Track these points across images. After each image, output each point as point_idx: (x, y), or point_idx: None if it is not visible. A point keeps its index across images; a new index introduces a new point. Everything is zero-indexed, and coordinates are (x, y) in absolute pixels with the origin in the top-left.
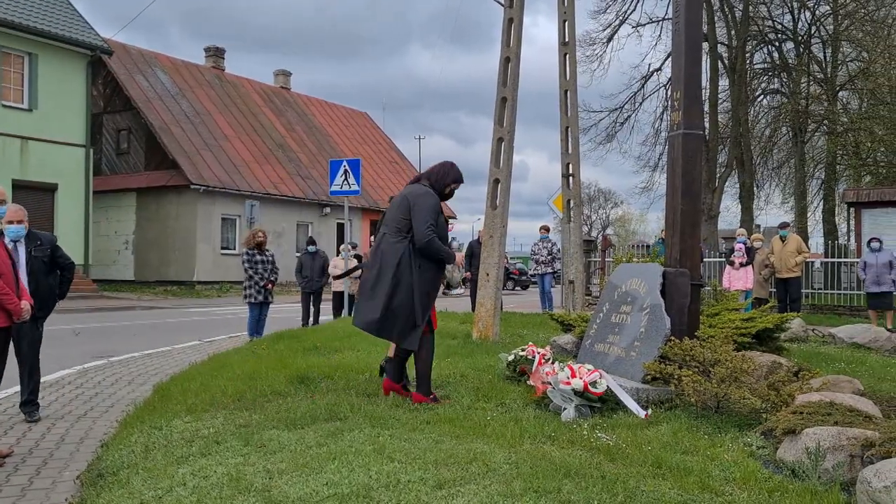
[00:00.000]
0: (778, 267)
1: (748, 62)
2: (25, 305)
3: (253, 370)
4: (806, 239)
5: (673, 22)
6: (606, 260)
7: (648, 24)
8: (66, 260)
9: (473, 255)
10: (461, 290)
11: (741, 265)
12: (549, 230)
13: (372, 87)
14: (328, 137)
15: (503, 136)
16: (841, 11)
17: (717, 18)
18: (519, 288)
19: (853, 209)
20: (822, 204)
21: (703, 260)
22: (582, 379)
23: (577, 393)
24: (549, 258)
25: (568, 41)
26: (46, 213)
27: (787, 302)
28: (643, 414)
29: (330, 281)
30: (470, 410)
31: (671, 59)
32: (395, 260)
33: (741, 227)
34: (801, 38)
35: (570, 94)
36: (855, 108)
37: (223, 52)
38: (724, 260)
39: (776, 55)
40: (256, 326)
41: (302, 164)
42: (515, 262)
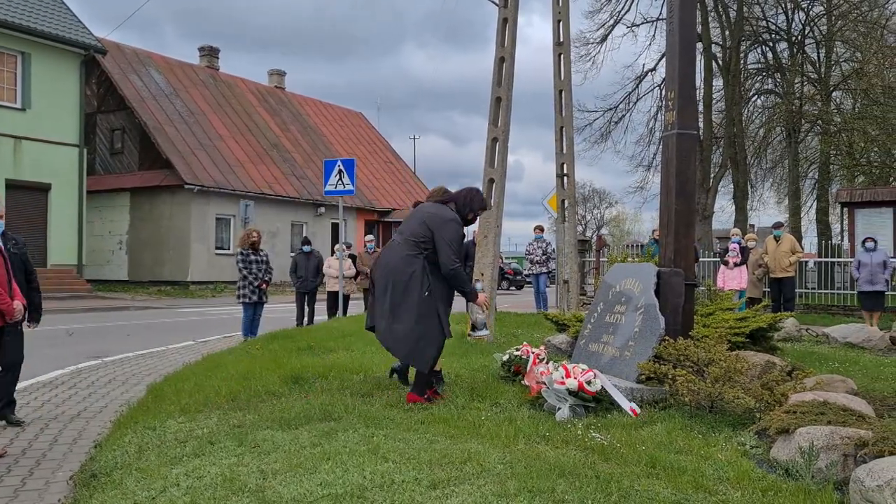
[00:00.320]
0: (772, 267)
1: (742, 62)
2: (18, 305)
3: (247, 370)
4: (800, 239)
5: (667, 22)
6: (601, 260)
7: (643, 24)
8: (32, 265)
9: (468, 255)
10: (486, 332)
11: (735, 265)
12: (543, 230)
13: (367, 86)
14: (323, 137)
15: (498, 135)
16: (835, 12)
17: (711, 18)
18: (514, 288)
19: (846, 209)
20: (815, 204)
21: (697, 260)
22: (576, 379)
23: (571, 393)
24: (543, 258)
25: (563, 41)
26: (40, 213)
27: (780, 302)
28: (634, 411)
29: (325, 281)
30: (464, 410)
31: (665, 59)
32: (406, 276)
33: (735, 226)
34: (794, 38)
35: (564, 94)
36: (848, 108)
37: (217, 51)
38: (718, 260)
39: (770, 55)
40: (251, 326)
41: (296, 163)
42: (510, 261)
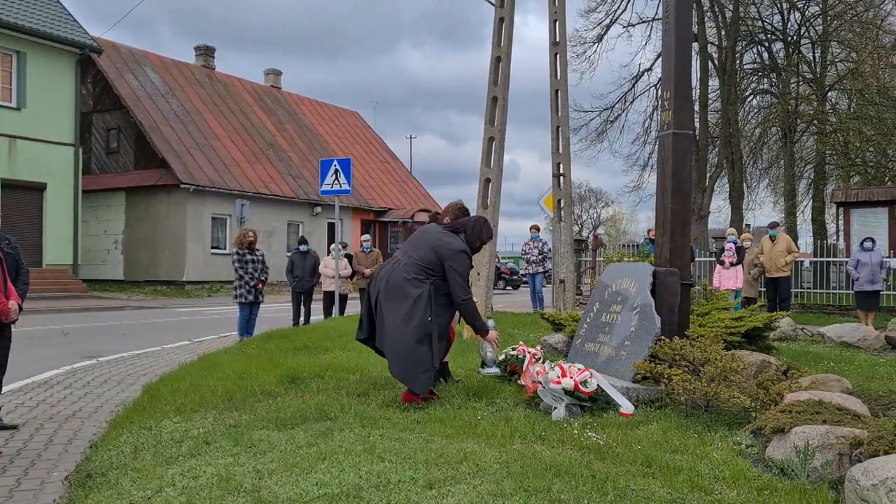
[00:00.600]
0: (767, 266)
1: (738, 62)
2: (14, 306)
3: (243, 370)
4: (795, 238)
5: (663, 22)
6: (597, 259)
7: (639, 23)
8: (26, 266)
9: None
10: (496, 369)
11: (731, 265)
12: (539, 230)
13: (363, 86)
14: (319, 137)
15: (494, 135)
16: (830, 12)
17: (707, 18)
18: (510, 287)
19: (842, 209)
20: (811, 204)
21: (693, 259)
22: (572, 378)
23: (567, 392)
24: (539, 258)
25: (559, 41)
26: (35, 212)
27: (776, 301)
28: (630, 409)
29: (321, 281)
30: (460, 410)
31: (661, 59)
32: (413, 298)
33: (731, 226)
34: (790, 38)
35: (560, 93)
36: (844, 108)
37: (213, 50)
38: (714, 259)
39: (766, 55)
40: (247, 326)
41: (292, 163)
42: (506, 261)
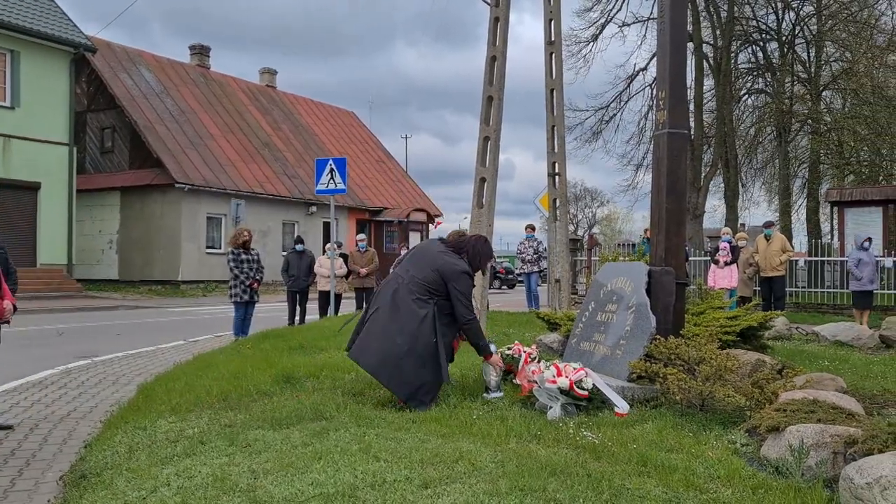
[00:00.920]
0: (762, 266)
1: (733, 62)
2: (8, 306)
3: (238, 370)
4: (790, 238)
5: (658, 22)
6: (592, 259)
7: (634, 23)
8: (14, 266)
9: None
10: (500, 394)
11: (725, 264)
12: (535, 229)
13: (358, 85)
14: (314, 136)
15: (489, 134)
16: (825, 12)
17: (702, 18)
18: (505, 287)
19: (836, 208)
20: (805, 203)
21: (687, 259)
22: (568, 377)
23: (562, 391)
24: (535, 257)
25: (554, 40)
26: (29, 212)
27: (771, 300)
28: (625, 409)
29: (316, 280)
30: (456, 409)
31: (656, 58)
32: (418, 320)
33: (726, 226)
34: (785, 38)
35: (556, 93)
36: (838, 107)
37: (208, 50)
38: (708, 259)
39: (761, 55)
40: (242, 326)
41: (288, 162)
42: (502, 260)
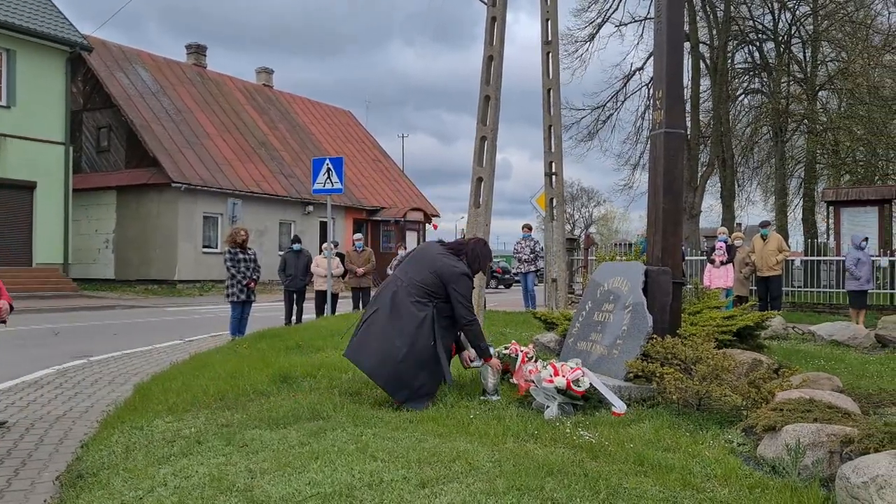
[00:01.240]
0: (758, 265)
1: (729, 62)
2: (4, 305)
3: (235, 369)
4: (786, 237)
5: (655, 21)
6: (589, 258)
7: (630, 23)
8: None
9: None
10: (497, 397)
11: (722, 263)
12: (531, 228)
13: (354, 84)
14: (311, 135)
15: (486, 134)
16: (821, 12)
17: (698, 18)
18: (502, 286)
19: (832, 208)
20: (801, 203)
21: (684, 258)
22: (564, 377)
23: (559, 391)
24: (532, 256)
25: (551, 40)
26: (25, 211)
27: (767, 300)
28: (622, 409)
29: (313, 280)
30: (453, 409)
31: (653, 58)
32: (416, 323)
33: (722, 225)
34: (781, 38)
35: (552, 92)
36: (834, 107)
37: (205, 49)
38: (705, 258)
39: (757, 55)
40: (239, 325)
41: (285, 162)
42: (499, 260)
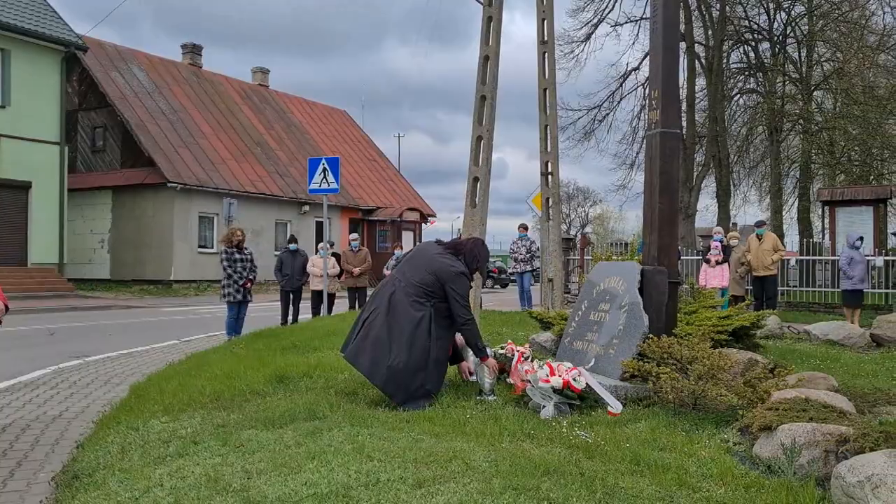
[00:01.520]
0: (754, 265)
1: (725, 62)
2: (0, 305)
3: (231, 369)
4: (781, 237)
5: (651, 21)
6: (585, 258)
7: (626, 23)
8: None
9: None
10: (493, 397)
11: (717, 263)
12: (527, 228)
13: (350, 84)
14: (307, 135)
15: (482, 134)
16: (816, 12)
17: (694, 18)
18: (498, 286)
19: (827, 207)
20: (797, 202)
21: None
22: (561, 377)
23: (556, 391)
24: (528, 256)
25: (547, 40)
26: (20, 211)
27: (763, 299)
28: (618, 409)
29: (309, 280)
30: (449, 409)
31: (649, 58)
32: (414, 323)
33: (718, 225)
34: (776, 38)
35: (548, 92)
36: (829, 107)
37: (200, 48)
38: (700, 258)
39: (752, 55)
40: (235, 325)
41: (280, 161)
42: (495, 260)
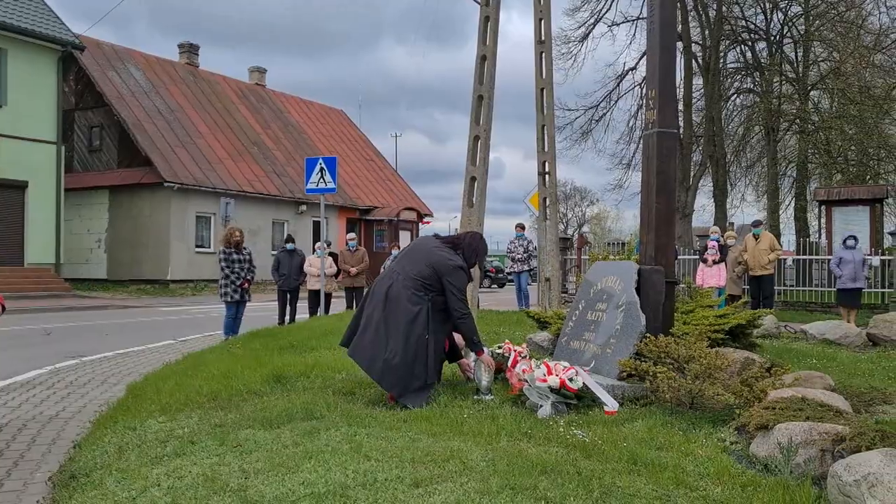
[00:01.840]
0: (751, 264)
1: (722, 61)
2: None
3: (228, 369)
4: (778, 236)
5: (647, 21)
6: (582, 258)
7: (623, 23)
8: None
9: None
10: (491, 396)
11: (714, 262)
12: (525, 228)
13: (347, 83)
14: (304, 135)
15: (479, 134)
16: (812, 12)
17: (691, 18)
18: (495, 286)
19: (824, 207)
20: (793, 202)
21: (677, 258)
22: (558, 376)
23: (553, 390)
24: (525, 256)
25: (544, 40)
26: (17, 211)
27: (759, 299)
28: (615, 408)
29: (306, 279)
30: (446, 408)
31: (646, 58)
32: (412, 315)
33: (714, 224)
34: (773, 38)
35: (546, 92)
36: (826, 107)
37: (197, 48)
38: (697, 257)
39: (749, 55)
40: (232, 325)
41: (277, 161)
42: (492, 259)
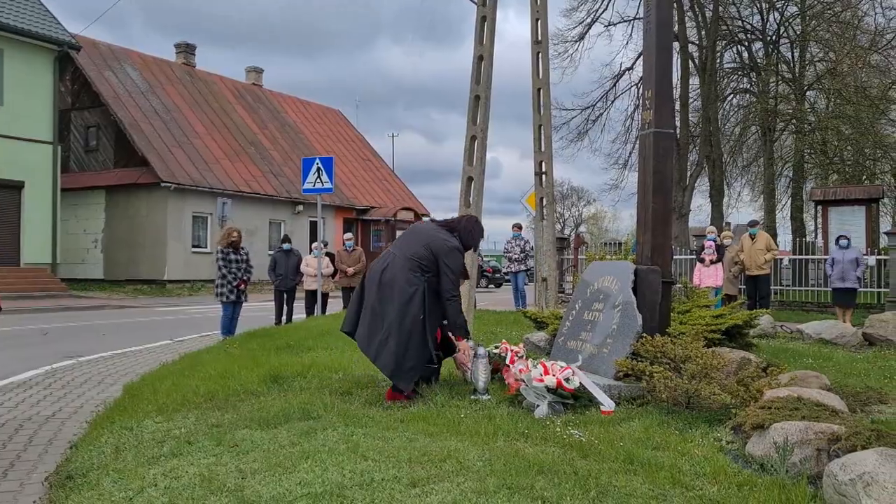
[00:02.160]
0: (747, 264)
1: (718, 62)
2: None
3: (225, 369)
4: (775, 236)
5: (644, 21)
6: (579, 258)
7: (620, 23)
8: None
9: None
10: (488, 396)
11: (711, 262)
12: (522, 228)
13: (344, 83)
14: (301, 135)
15: (476, 134)
16: (809, 12)
17: (687, 18)
18: (492, 286)
19: (820, 207)
20: (790, 202)
21: (673, 257)
22: (555, 376)
23: (550, 390)
24: (522, 256)
25: (541, 40)
26: (13, 211)
27: (756, 299)
28: (611, 407)
29: (303, 280)
30: (443, 408)
31: (643, 58)
32: (407, 296)
33: (711, 224)
34: (769, 38)
35: (542, 92)
36: (822, 107)
37: (194, 48)
38: (694, 257)
39: (746, 55)
40: (229, 325)
41: (274, 161)
42: (489, 259)
